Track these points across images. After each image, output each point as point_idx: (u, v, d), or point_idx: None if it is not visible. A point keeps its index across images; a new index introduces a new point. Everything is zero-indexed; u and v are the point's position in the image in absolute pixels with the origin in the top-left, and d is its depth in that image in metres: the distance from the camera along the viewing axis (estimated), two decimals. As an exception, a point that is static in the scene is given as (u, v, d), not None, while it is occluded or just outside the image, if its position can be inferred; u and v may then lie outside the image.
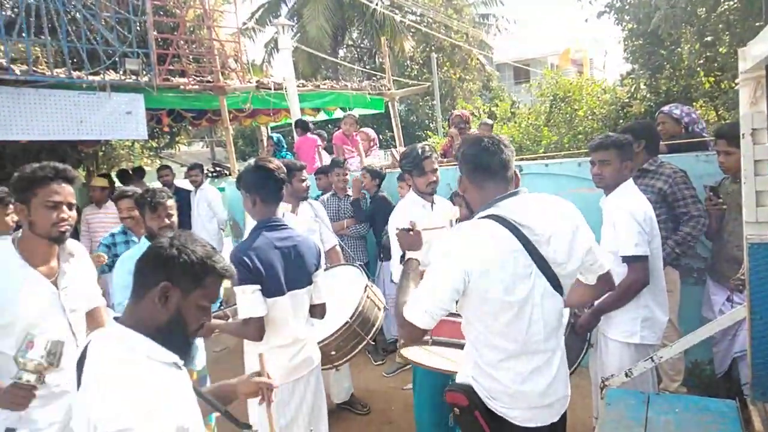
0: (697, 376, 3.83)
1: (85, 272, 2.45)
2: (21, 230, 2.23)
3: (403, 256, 2.12)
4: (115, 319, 1.46)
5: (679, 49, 7.41)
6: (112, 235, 3.94)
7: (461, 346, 2.12)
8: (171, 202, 3.14)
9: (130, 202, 3.75)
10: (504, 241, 1.76)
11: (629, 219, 2.62)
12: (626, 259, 2.65)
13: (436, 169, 3.18)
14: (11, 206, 3.12)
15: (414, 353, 2.67)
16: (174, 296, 1.41)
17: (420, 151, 3.15)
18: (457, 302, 1.87)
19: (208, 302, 1.47)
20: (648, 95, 8.25)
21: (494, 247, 1.76)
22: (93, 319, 2.49)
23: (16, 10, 5.52)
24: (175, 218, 3.16)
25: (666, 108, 4.19)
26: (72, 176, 2.23)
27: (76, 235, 6.20)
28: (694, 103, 7.37)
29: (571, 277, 1.95)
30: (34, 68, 5.49)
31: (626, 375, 2.57)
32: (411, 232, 2.13)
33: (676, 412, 2.10)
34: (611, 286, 2.15)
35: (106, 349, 1.37)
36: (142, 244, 3.13)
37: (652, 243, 2.68)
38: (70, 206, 2.21)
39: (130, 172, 8.04)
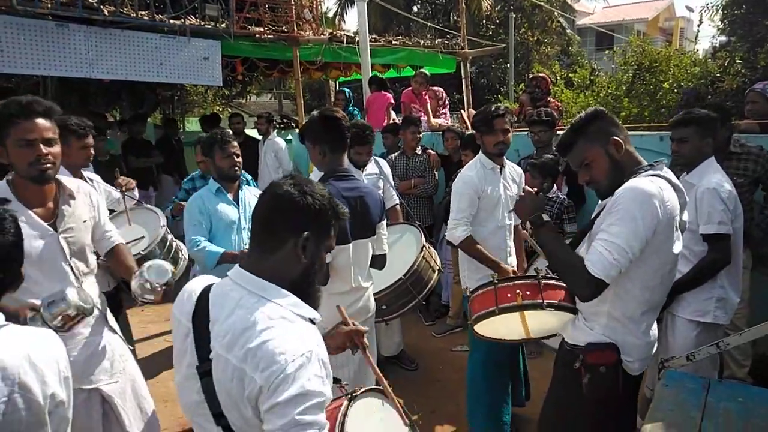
0: (764, 369, 3.65)
1: (91, 213, 2.34)
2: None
3: (536, 221, 2.05)
4: (242, 267, 1.37)
5: (786, 20, 6.76)
6: (192, 179, 4.11)
7: (569, 309, 2.10)
8: (236, 143, 3.26)
9: (200, 148, 3.95)
10: (674, 199, 1.86)
11: (713, 196, 2.55)
12: (707, 238, 2.58)
13: (507, 130, 3.06)
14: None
15: (487, 329, 2.54)
16: (311, 246, 1.35)
17: (493, 108, 3.06)
18: None
19: (333, 247, 1.43)
20: (743, 70, 7.62)
21: (672, 202, 1.84)
22: (117, 260, 2.46)
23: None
24: (240, 159, 3.26)
25: (759, 86, 3.90)
26: (43, 109, 2.05)
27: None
28: (796, 82, 6.75)
29: None
30: (120, 10, 5.69)
31: (687, 359, 2.48)
32: (538, 194, 2.10)
33: (739, 401, 2.01)
34: None
35: (251, 305, 1.28)
36: (211, 185, 3.27)
37: (734, 222, 2.59)
38: (47, 142, 2.04)
39: (210, 117, 8.37)
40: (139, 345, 4.36)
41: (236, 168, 3.21)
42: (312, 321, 1.33)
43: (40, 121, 2.03)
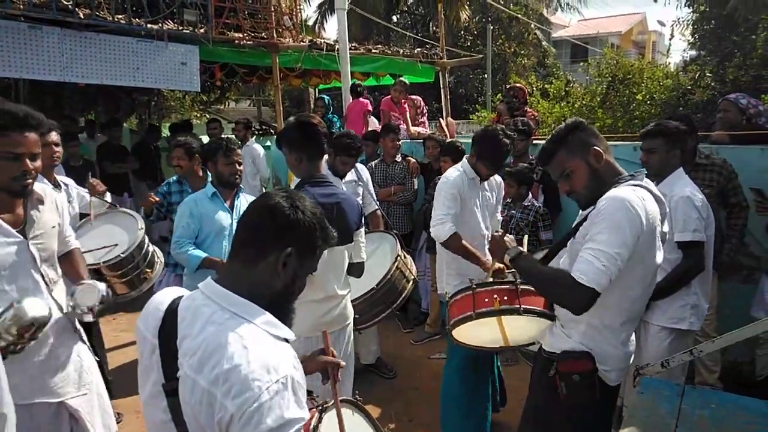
0: (735, 376, 3.72)
1: (56, 217, 2.28)
2: None
3: (512, 254, 2.08)
4: (215, 281, 1.28)
5: (753, 36, 7.00)
6: (168, 183, 4.02)
7: (547, 316, 2.10)
8: (240, 151, 3.28)
9: (180, 151, 3.86)
10: (656, 210, 1.89)
11: (688, 204, 2.61)
12: (682, 246, 2.63)
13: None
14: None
15: (465, 334, 2.53)
16: (292, 263, 1.27)
17: (507, 146, 3.02)
18: None
19: (315, 269, 1.37)
20: (713, 84, 7.85)
21: (654, 212, 1.86)
22: (69, 264, 2.39)
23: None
24: (242, 168, 3.29)
25: (732, 96, 3.99)
26: (36, 122, 1.98)
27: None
28: (763, 96, 6.97)
29: None
30: (97, 13, 5.59)
31: (662, 365, 2.52)
32: (505, 237, 2.14)
33: (712, 408, 2.03)
34: None
35: (223, 322, 1.19)
36: (207, 189, 3.26)
37: (707, 230, 2.65)
38: (33, 157, 1.98)
39: (180, 125, 8.26)
40: (112, 354, 4.26)
41: (237, 176, 3.24)
42: (286, 340, 1.26)
43: (31, 135, 1.96)
